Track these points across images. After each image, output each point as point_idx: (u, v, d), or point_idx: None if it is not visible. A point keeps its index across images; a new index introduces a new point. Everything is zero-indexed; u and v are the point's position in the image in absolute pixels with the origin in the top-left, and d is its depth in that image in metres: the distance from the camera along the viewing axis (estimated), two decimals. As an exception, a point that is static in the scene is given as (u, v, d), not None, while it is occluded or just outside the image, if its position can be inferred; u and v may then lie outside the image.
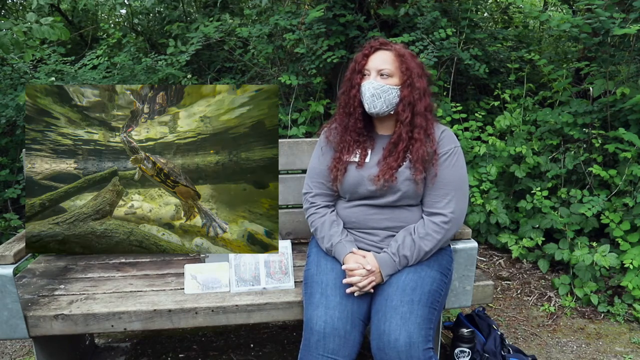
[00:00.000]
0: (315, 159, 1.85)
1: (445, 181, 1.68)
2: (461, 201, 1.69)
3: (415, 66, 1.70)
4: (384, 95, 1.66)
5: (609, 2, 2.93)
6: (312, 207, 1.82)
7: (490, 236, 3.22)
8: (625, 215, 2.75)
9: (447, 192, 1.67)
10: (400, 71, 1.68)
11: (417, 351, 1.49)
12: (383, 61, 1.68)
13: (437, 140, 1.70)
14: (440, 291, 1.66)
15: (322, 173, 1.81)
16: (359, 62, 1.70)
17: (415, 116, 1.68)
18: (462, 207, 1.70)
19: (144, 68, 3.71)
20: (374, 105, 1.67)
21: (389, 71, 1.67)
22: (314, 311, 1.60)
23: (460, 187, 1.69)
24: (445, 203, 1.67)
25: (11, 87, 3.53)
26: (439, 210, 1.67)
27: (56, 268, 2.06)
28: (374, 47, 1.70)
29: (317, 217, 1.80)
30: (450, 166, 1.69)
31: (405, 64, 1.68)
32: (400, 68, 1.68)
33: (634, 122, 2.89)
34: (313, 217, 1.81)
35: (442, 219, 1.66)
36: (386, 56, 1.69)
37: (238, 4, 4.73)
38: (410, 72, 1.68)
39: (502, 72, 4.10)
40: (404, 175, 1.66)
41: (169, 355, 2.27)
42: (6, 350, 2.35)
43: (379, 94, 1.66)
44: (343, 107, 1.76)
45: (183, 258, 2.12)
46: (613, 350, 2.32)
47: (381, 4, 3.89)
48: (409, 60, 1.69)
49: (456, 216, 1.68)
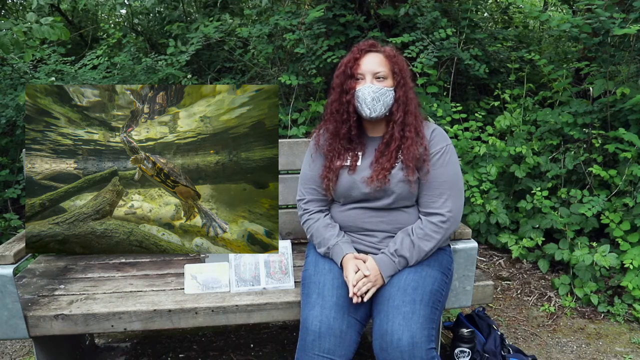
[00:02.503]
0: (306, 165, 1.84)
1: (440, 180, 1.67)
2: (457, 199, 1.69)
3: (404, 65, 1.71)
4: (382, 98, 1.66)
5: (609, 2, 2.93)
6: (305, 213, 1.82)
7: (490, 236, 3.22)
8: (625, 216, 2.75)
9: (442, 192, 1.67)
10: (393, 72, 1.68)
11: (420, 351, 1.48)
12: (377, 64, 1.67)
13: (428, 139, 1.70)
14: (441, 291, 1.66)
15: (314, 179, 1.80)
16: (351, 66, 1.67)
17: (406, 115, 1.69)
18: (458, 204, 1.69)
19: (144, 68, 3.71)
20: (374, 109, 1.66)
21: (384, 73, 1.66)
22: (310, 311, 1.60)
23: (455, 185, 1.69)
24: (441, 202, 1.67)
25: (11, 87, 3.53)
26: (436, 210, 1.67)
27: (56, 268, 2.06)
28: (364, 50, 1.69)
29: (311, 223, 1.79)
30: (444, 165, 1.68)
31: (397, 65, 1.68)
32: (393, 69, 1.68)
33: (634, 122, 2.89)
34: (308, 222, 1.81)
35: (440, 218, 1.66)
36: (378, 59, 1.68)
37: (238, 4, 4.73)
38: (402, 72, 1.68)
39: (502, 72, 4.10)
40: (397, 177, 1.66)
41: (169, 355, 2.27)
42: (6, 350, 2.35)
43: (378, 98, 1.65)
44: (334, 114, 1.73)
45: (183, 258, 2.12)
46: (613, 351, 2.32)
47: (381, 4, 3.89)
48: (399, 60, 1.70)
49: (454, 214, 1.67)
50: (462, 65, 3.59)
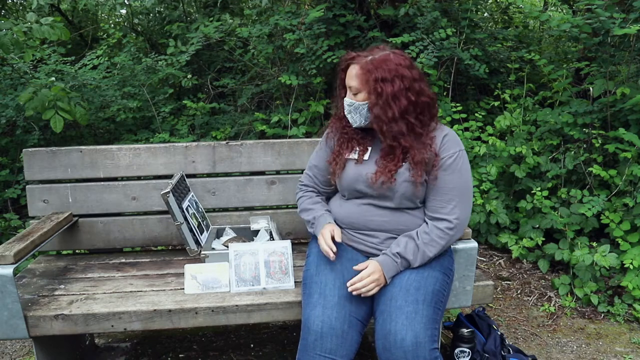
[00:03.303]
0: (314, 153, 1.92)
1: (450, 186, 1.66)
2: (466, 206, 1.68)
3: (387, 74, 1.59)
4: (357, 111, 1.67)
5: (609, 2, 2.93)
6: (300, 191, 1.93)
7: (490, 236, 3.22)
8: (625, 216, 2.75)
9: (452, 198, 1.66)
10: (367, 84, 1.61)
11: (424, 351, 1.48)
12: (350, 77, 1.65)
13: (439, 143, 1.66)
14: (443, 291, 1.66)
15: (319, 167, 1.87)
16: (341, 77, 1.72)
17: (390, 124, 1.61)
18: (466, 212, 1.69)
19: (144, 68, 3.72)
20: (353, 120, 1.70)
21: (355, 89, 1.64)
22: (312, 311, 1.59)
23: (465, 192, 1.68)
24: (450, 209, 1.66)
25: (11, 87, 3.53)
26: (444, 216, 1.66)
27: (56, 268, 2.06)
28: (346, 61, 1.69)
29: (305, 199, 1.88)
30: (456, 171, 1.66)
31: (371, 75, 1.60)
32: (367, 81, 1.61)
33: (634, 122, 2.89)
34: (302, 199, 1.90)
35: (447, 224, 1.65)
36: (354, 71, 1.64)
37: (238, 4, 4.73)
38: (375, 84, 1.59)
39: (502, 72, 4.10)
40: (403, 177, 1.65)
41: (169, 355, 2.27)
42: (6, 350, 2.35)
43: (354, 110, 1.68)
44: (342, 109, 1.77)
45: (183, 258, 2.12)
46: (613, 351, 2.32)
47: (381, 4, 3.90)
48: (376, 69, 1.60)
49: (460, 222, 1.67)
50: (462, 65, 3.59)
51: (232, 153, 2.18)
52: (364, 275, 1.60)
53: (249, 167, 2.20)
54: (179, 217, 1.85)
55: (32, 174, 2.11)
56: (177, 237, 2.19)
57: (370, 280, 1.59)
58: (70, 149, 2.12)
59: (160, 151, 2.15)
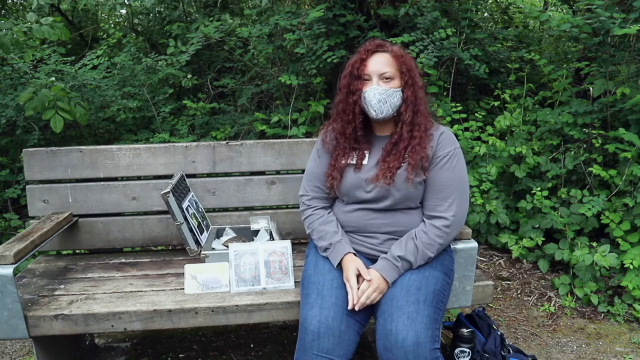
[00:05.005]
0: (312, 161, 1.85)
1: (446, 184, 1.67)
2: (462, 203, 1.69)
3: (413, 65, 1.70)
4: (389, 99, 1.64)
5: (609, 2, 2.93)
6: (308, 209, 1.83)
7: (490, 236, 3.22)
8: (625, 215, 2.75)
9: (448, 195, 1.66)
10: (401, 72, 1.66)
11: (425, 351, 1.48)
12: (383, 64, 1.65)
13: (436, 141, 1.69)
14: (444, 291, 1.66)
15: (319, 177, 1.81)
16: (357, 67, 1.67)
17: (415, 115, 1.67)
18: (463, 209, 1.69)
19: (144, 68, 3.72)
20: (381, 110, 1.65)
21: (390, 74, 1.65)
22: (309, 311, 1.59)
23: (461, 190, 1.68)
24: (446, 206, 1.66)
25: (11, 87, 3.53)
26: (440, 214, 1.67)
27: (56, 268, 2.06)
28: (371, 51, 1.67)
29: (315, 218, 1.80)
30: (451, 169, 1.67)
31: (404, 64, 1.67)
32: (400, 69, 1.66)
33: (634, 122, 2.89)
34: (310, 218, 1.81)
35: (444, 222, 1.66)
36: (385, 59, 1.66)
37: (238, 4, 4.73)
38: (410, 72, 1.67)
39: (502, 72, 4.10)
40: (402, 178, 1.65)
41: (169, 355, 2.27)
42: (6, 350, 2.35)
43: (385, 99, 1.64)
44: (341, 114, 1.73)
45: (183, 258, 2.12)
46: (613, 351, 2.32)
47: (381, 4, 3.90)
48: (407, 59, 1.69)
49: (457, 219, 1.67)
50: (462, 65, 3.59)
51: (232, 153, 2.18)
52: (364, 288, 1.60)
53: (249, 167, 2.20)
54: (179, 217, 1.85)
55: (32, 174, 2.11)
56: (177, 237, 2.19)
57: (371, 292, 1.60)
58: (70, 149, 2.12)
59: (160, 151, 2.15)
